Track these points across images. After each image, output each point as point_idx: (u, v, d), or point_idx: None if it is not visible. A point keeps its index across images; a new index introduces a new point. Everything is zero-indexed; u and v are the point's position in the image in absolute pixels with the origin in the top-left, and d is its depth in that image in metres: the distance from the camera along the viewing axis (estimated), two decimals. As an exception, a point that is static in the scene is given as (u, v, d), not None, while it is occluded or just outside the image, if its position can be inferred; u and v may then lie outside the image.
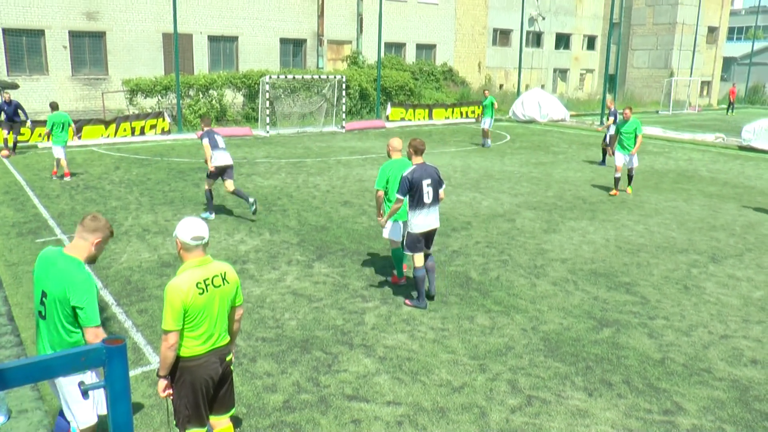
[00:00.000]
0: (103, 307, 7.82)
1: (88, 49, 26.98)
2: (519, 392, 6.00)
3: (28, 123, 20.88)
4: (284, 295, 8.31)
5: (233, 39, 30.29)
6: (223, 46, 30.22)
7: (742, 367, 6.62)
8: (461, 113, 32.74)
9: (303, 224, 11.80)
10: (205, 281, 4.22)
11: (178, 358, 4.25)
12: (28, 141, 20.93)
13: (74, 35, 26.40)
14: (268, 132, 25.13)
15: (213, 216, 12.14)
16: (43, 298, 4.22)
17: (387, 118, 30.04)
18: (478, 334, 7.26)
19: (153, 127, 23.60)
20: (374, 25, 32.60)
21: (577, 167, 18.92)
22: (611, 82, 41.23)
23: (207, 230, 4.29)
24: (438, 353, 6.76)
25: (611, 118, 19.33)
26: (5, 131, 19.41)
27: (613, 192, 15.02)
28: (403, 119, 30.49)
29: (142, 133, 23.25)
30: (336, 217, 12.32)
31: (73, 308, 4.12)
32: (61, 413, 4.77)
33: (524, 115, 32.52)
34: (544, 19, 44.03)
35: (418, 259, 7.90)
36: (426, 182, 7.69)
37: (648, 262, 10.00)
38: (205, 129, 11.91)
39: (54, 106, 16.19)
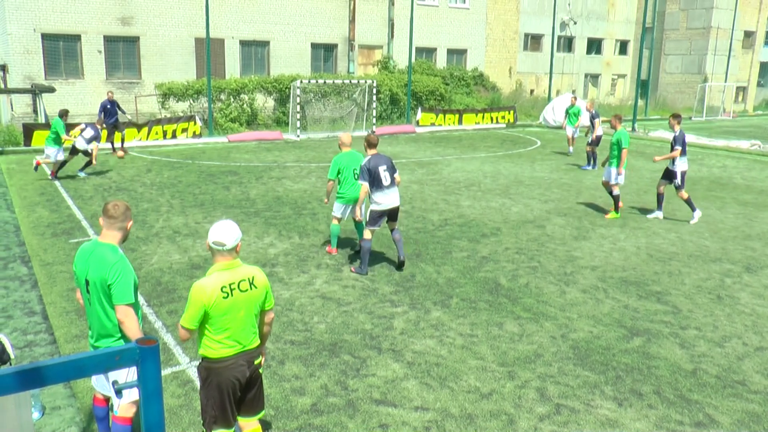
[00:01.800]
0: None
1: (122, 53, 27.41)
2: (548, 400, 5.95)
3: (128, 117, 22.43)
4: (313, 299, 8.34)
5: (265, 44, 30.54)
6: (255, 50, 30.47)
7: (778, 379, 6.48)
8: (492, 118, 32.59)
9: (332, 228, 11.82)
10: (230, 285, 4.26)
11: (205, 360, 4.33)
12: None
13: (109, 40, 26.83)
14: (298, 136, 25.27)
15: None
16: (88, 287, 4.49)
17: (417, 123, 30.04)
18: (506, 340, 7.21)
19: (184, 130, 23.89)
20: (405, 29, 32.62)
21: (609, 174, 18.70)
22: (643, 87, 40.77)
23: (232, 237, 4.30)
24: (466, 359, 6.72)
25: (597, 120, 19.74)
26: (109, 133, 20.38)
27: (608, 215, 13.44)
28: (433, 124, 30.46)
29: (174, 136, 23.53)
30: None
31: (108, 287, 4.37)
32: (97, 402, 4.88)
33: (555, 120, 32.26)
34: (575, 23, 43.69)
35: (368, 233, 9.31)
36: (382, 168, 9.07)
37: (680, 271, 9.85)
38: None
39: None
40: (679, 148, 12.65)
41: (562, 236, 11.68)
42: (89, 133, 16.62)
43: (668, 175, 12.91)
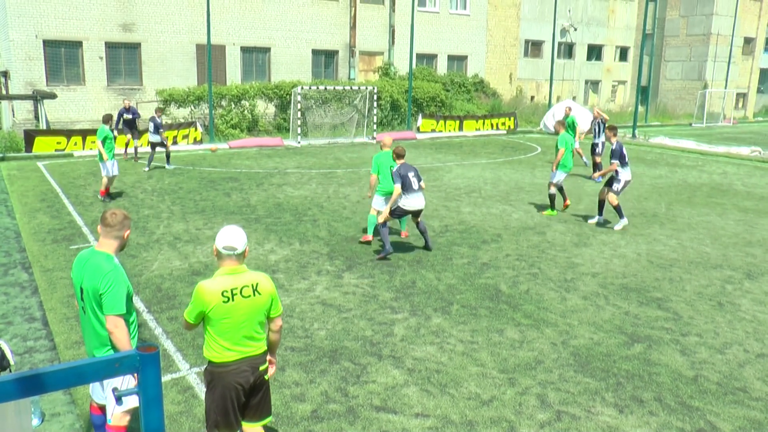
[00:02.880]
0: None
1: (124, 59, 27.47)
2: (548, 407, 5.94)
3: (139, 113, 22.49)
4: (314, 305, 8.34)
5: (266, 50, 30.60)
6: (256, 57, 30.54)
7: (779, 386, 6.46)
8: (492, 125, 32.63)
9: (333, 234, 11.84)
10: (232, 290, 4.29)
11: (210, 364, 4.42)
12: (64, 150, 21.35)
13: (110, 46, 26.90)
14: (299, 142, 25.30)
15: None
16: (82, 295, 4.50)
17: (418, 129, 30.06)
18: (507, 347, 7.21)
19: (185, 136, 23.93)
20: (406, 36, 32.69)
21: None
22: (644, 93, 40.82)
23: (242, 242, 4.35)
24: (467, 366, 6.72)
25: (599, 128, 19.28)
26: (128, 136, 20.72)
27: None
28: (433, 130, 30.49)
29: (175, 142, 23.56)
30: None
31: (100, 296, 4.37)
32: (93, 410, 4.87)
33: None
34: (575, 30, 43.77)
35: (388, 221, 10.62)
36: (411, 174, 10.41)
37: (680, 278, 9.85)
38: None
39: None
40: (615, 161, 12.48)
41: (562, 243, 11.68)
42: (152, 125, 18.43)
43: (610, 182, 12.85)
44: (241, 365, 4.36)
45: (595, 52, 45.91)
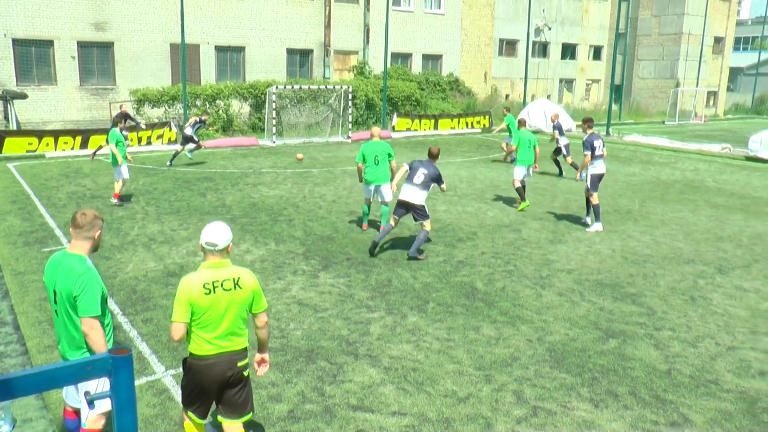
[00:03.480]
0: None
1: (96, 59, 27.15)
2: (525, 403, 5.98)
3: (142, 125, 22.64)
4: (290, 305, 8.32)
5: (240, 49, 30.43)
6: (230, 56, 30.36)
7: (750, 378, 6.58)
8: (467, 123, 32.76)
9: (309, 234, 11.81)
10: (213, 283, 4.37)
11: (190, 355, 4.49)
12: (35, 151, 21.05)
13: (82, 45, 26.57)
14: (274, 142, 25.20)
15: None
16: (55, 297, 4.44)
17: (393, 128, 30.07)
18: (483, 344, 7.25)
19: (160, 137, 23.71)
20: (381, 35, 32.71)
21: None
22: (617, 92, 41.24)
23: (224, 238, 4.44)
24: (443, 363, 6.74)
25: (556, 131, 19.35)
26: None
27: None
28: (409, 129, 30.53)
29: (149, 143, 23.35)
30: (342, 228, 12.33)
31: (74, 299, 4.32)
32: (67, 414, 4.81)
33: (530, 125, 32.48)
34: (550, 29, 44.10)
35: (392, 220, 10.66)
36: (422, 170, 10.35)
37: (654, 273, 9.97)
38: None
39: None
40: (587, 152, 12.38)
41: (537, 240, 11.77)
42: (191, 128, 19.14)
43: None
44: (220, 360, 4.43)
45: (569, 51, 46.28)
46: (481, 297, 8.76)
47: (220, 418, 4.65)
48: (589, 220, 13.04)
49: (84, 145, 21.80)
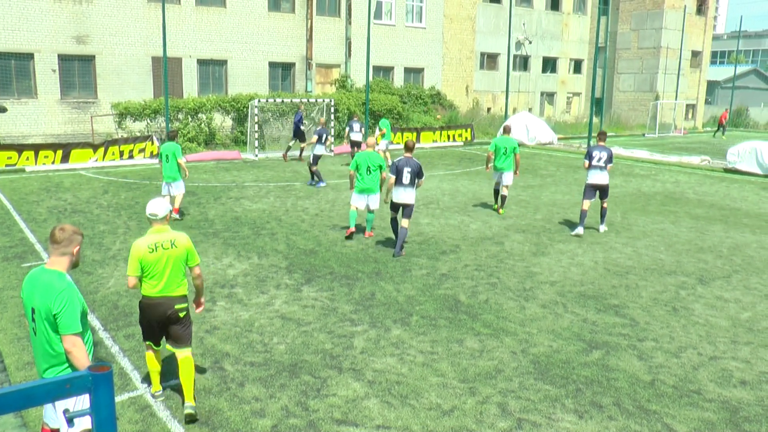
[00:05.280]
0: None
1: (78, 72, 26.98)
2: (509, 415, 5.97)
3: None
4: (273, 320, 8.26)
5: (222, 63, 30.39)
6: (213, 69, 30.30)
7: (732, 388, 6.62)
8: (449, 136, 32.88)
9: (292, 248, 11.77)
10: (155, 244, 5.72)
11: (142, 297, 5.84)
12: (15, 165, 20.84)
13: (63, 59, 26.40)
14: (257, 155, 25.13)
15: None
16: (33, 315, 4.35)
17: (376, 141, 30.08)
18: (467, 357, 7.24)
19: (142, 150, 23.56)
20: (362, 49, 32.81)
21: (566, 190, 19.02)
22: (598, 105, 41.62)
23: (162, 209, 5.79)
24: (427, 377, 6.72)
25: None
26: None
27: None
28: (391, 142, 30.55)
29: (131, 156, 23.19)
30: (325, 241, 12.30)
31: (54, 317, 4.22)
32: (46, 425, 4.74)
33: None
34: (530, 43, 44.48)
35: (393, 213, 11.34)
36: (406, 169, 10.95)
37: (636, 284, 10.03)
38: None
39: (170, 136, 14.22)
40: (585, 161, 13.44)
41: (520, 252, 11.80)
42: (319, 136, 19.15)
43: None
44: (162, 301, 5.77)
45: (550, 65, 46.69)
46: (465, 309, 8.76)
47: (168, 347, 6.01)
48: (601, 228, 13.68)
49: (65, 159, 21.60)
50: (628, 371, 6.95)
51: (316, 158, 18.90)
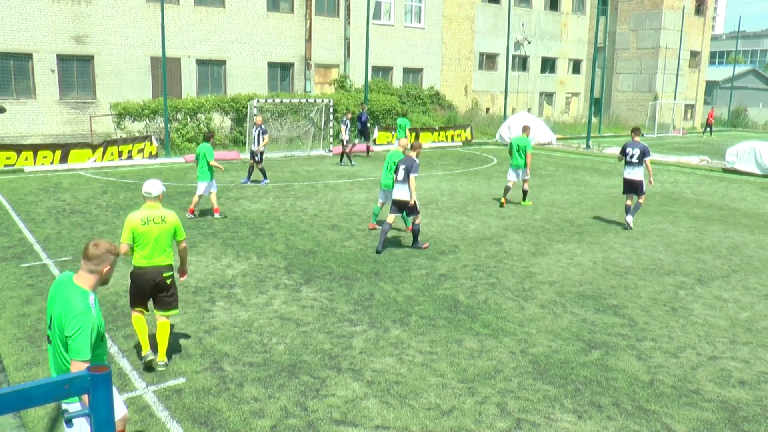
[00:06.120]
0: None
1: (76, 72, 26.98)
2: (508, 415, 5.97)
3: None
4: (272, 320, 8.26)
5: (221, 63, 30.40)
6: (211, 69, 30.31)
7: (731, 388, 6.63)
8: (448, 137, 32.90)
9: (290, 248, 11.77)
10: (148, 218, 6.58)
11: (134, 267, 6.66)
12: (14, 165, 20.83)
13: (62, 59, 26.40)
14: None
15: None
16: (51, 323, 4.22)
17: (374, 141, 30.13)
18: (466, 357, 7.24)
19: (141, 151, 23.56)
20: (361, 49, 32.83)
21: (564, 190, 19.03)
22: (597, 105, 41.68)
23: (156, 189, 6.70)
24: (426, 377, 6.72)
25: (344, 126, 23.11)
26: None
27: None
28: (390, 143, 30.58)
29: (130, 157, 23.19)
30: (324, 241, 12.30)
31: (66, 338, 4.08)
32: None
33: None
34: (529, 43, 44.51)
35: (390, 217, 11.79)
36: (402, 166, 11.51)
37: (635, 285, 10.04)
38: None
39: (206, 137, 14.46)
40: (620, 155, 14.15)
41: (519, 252, 11.81)
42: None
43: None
44: (150, 270, 6.57)
45: (548, 65, 46.73)
46: (464, 310, 8.76)
47: (156, 312, 6.77)
48: (628, 218, 13.97)
49: (64, 159, 21.60)
50: (627, 371, 6.95)
51: (262, 155, 18.91)
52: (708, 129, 43.74)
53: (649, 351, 7.51)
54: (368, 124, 25.76)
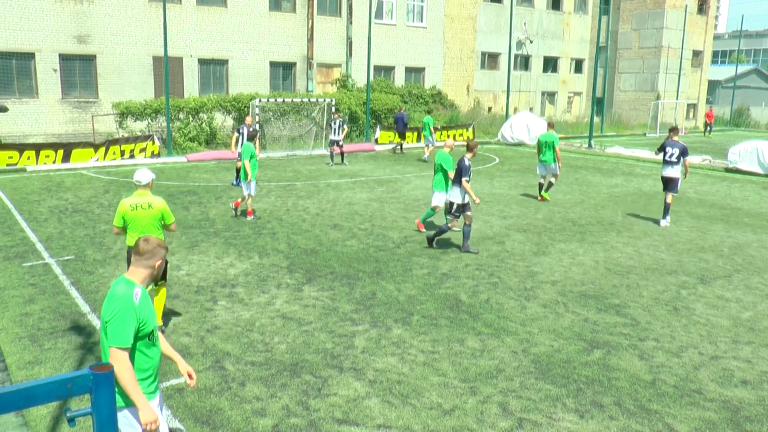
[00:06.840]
0: (90, 332, 7.76)
1: (79, 72, 27.00)
2: (510, 415, 5.97)
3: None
4: (274, 319, 8.27)
5: (223, 62, 30.41)
6: (213, 69, 30.33)
7: (733, 387, 6.62)
8: (450, 136, 32.86)
9: (292, 247, 11.77)
10: (136, 204, 7.35)
11: (128, 246, 7.48)
12: (16, 164, 20.85)
13: (65, 58, 26.43)
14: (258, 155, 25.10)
15: None
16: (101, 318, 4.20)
17: (376, 141, 30.12)
18: (468, 356, 7.24)
19: (143, 150, 23.58)
20: (363, 48, 32.82)
21: (566, 189, 19.02)
22: (599, 104, 41.63)
23: (146, 178, 7.48)
24: (428, 376, 6.72)
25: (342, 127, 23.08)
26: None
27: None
28: (392, 142, 30.57)
29: (132, 156, 23.21)
30: (326, 241, 12.30)
31: (105, 323, 3.97)
32: None
33: (513, 137, 32.72)
34: (531, 42, 44.48)
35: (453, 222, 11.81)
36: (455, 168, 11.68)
37: (637, 284, 10.03)
38: None
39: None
40: (659, 154, 14.67)
41: (521, 252, 11.80)
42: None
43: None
44: None
45: (550, 64, 46.69)
46: (466, 309, 8.76)
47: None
48: (665, 219, 14.27)
49: (66, 158, 21.62)
50: (629, 371, 6.95)
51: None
52: (708, 128, 43.69)
53: (651, 351, 7.51)
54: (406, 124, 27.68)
